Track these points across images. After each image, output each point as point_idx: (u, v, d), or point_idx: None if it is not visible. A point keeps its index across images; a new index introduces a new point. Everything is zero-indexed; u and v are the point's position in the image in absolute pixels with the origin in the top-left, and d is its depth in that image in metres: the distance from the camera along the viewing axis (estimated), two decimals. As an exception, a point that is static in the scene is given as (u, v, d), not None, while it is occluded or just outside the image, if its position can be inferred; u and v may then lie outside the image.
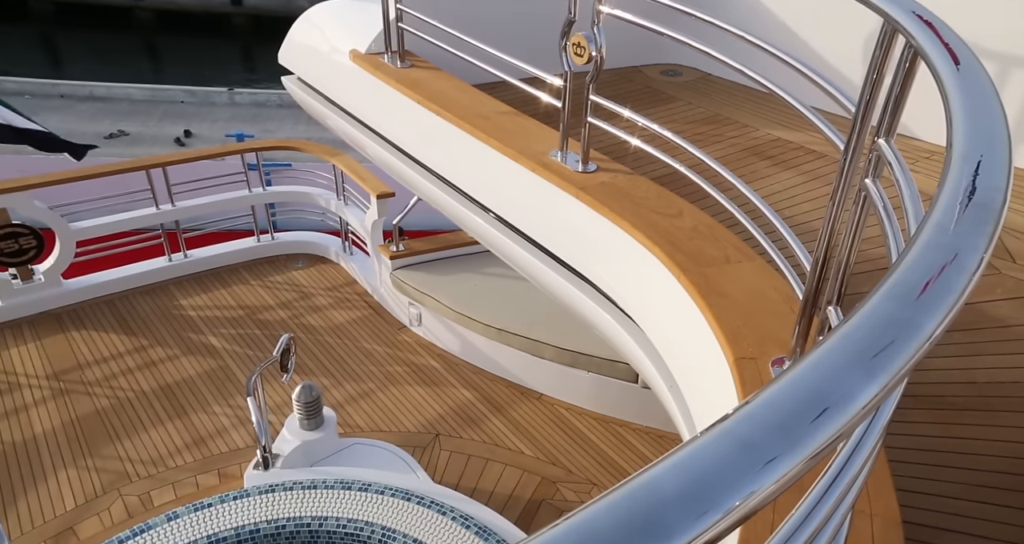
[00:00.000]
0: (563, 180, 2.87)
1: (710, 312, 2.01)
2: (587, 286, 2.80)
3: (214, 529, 3.09)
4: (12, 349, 4.87)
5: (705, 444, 0.54)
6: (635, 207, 2.64)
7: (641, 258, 2.44)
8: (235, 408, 4.55)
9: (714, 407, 1.87)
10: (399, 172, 4.16)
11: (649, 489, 0.51)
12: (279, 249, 6.37)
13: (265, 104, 12.69)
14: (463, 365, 5.05)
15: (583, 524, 0.51)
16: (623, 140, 2.87)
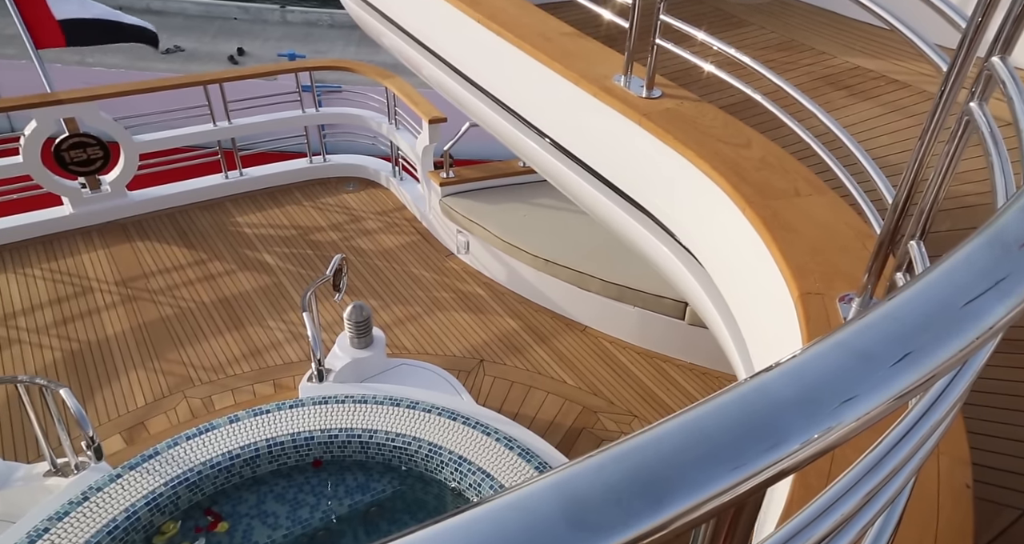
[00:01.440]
0: (626, 106, 2.76)
1: (775, 246, 1.93)
2: (646, 218, 2.73)
3: (272, 434, 3.26)
4: (84, 255, 5.11)
5: (821, 352, 0.51)
6: (700, 136, 2.52)
7: (704, 189, 2.35)
8: (288, 324, 4.71)
9: (774, 344, 1.83)
10: (455, 94, 4.07)
11: (761, 392, 0.49)
12: (330, 171, 6.41)
13: (316, 23, 12.46)
14: (509, 294, 5.08)
15: (692, 423, 0.50)
16: (691, 65, 2.71)
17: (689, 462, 0.48)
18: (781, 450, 0.48)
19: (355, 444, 3.32)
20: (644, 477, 0.47)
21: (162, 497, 2.93)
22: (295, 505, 3.12)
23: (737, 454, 0.48)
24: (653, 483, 0.47)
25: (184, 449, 3.15)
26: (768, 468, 0.48)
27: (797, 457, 0.48)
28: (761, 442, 0.48)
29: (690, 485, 0.47)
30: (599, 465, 0.49)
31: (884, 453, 0.78)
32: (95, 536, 2.70)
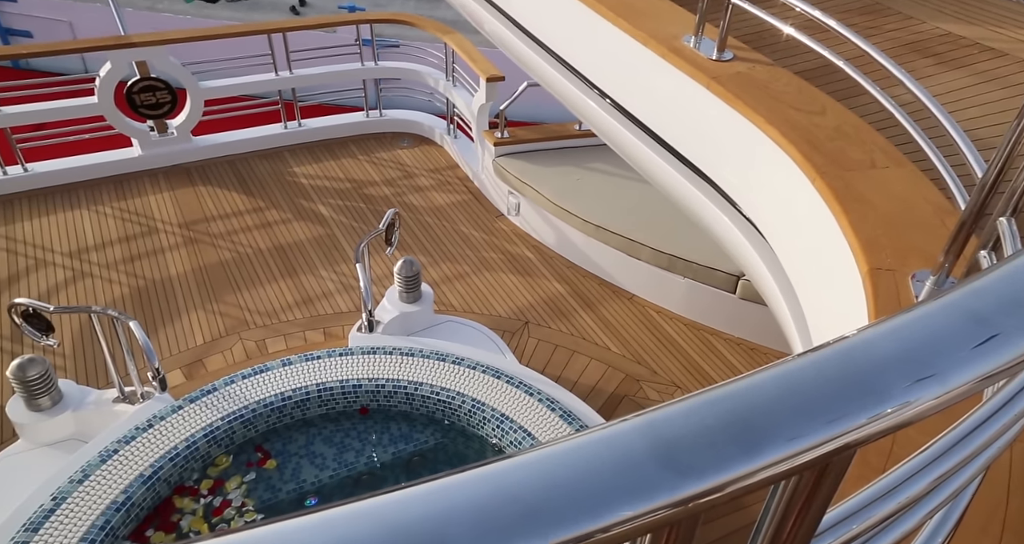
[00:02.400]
0: (694, 68, 2.66)
1: (845, 218, 1.86)
2: (707, 186, 2.66)
3: (323, 379, 3.37)
4: (151, 196, 5.30)
5: (930, 312, 0.49)
6: (772, 102, 2.42)
7: (772, 158, 2.27)
8: (340, 274, 4.82)
9: (837, 321, 1.78)
10: (516, 51, 3.99)
11: (864, 349, 0.48)
12: (386, 126, 6.43)
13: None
14: (557, 258, 5.07)
15: (791, 374, 0.48)
16: (766, 28, 2.59)
17: (786, 412, 0.47)
18: (880, 407, 0.47)
19: (401, 395, 3.40)
20: (739, 423, 0.47)
21: (218, 431, 3.08)
22: (341, 448, 3.24)
23: (834, 408, 0.47)
24: (748, 430, 0.47)
25: (240, 387, 3.29)
26: (865, 425, 0.47)
27: (897, 417, 0.47)
28: (861, 398, 0.47)
29: (786, 435, 0.47)
30: (692, 408, 0.49)
31: (960, 437, 0.75)
32: (158, 461, 2.87)
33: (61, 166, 5.29)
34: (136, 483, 2.75)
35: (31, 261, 4.61)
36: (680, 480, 0.45)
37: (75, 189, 5.26)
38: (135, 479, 2.77)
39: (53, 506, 2.57)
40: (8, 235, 4.77)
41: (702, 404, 0.49)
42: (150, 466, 2.83)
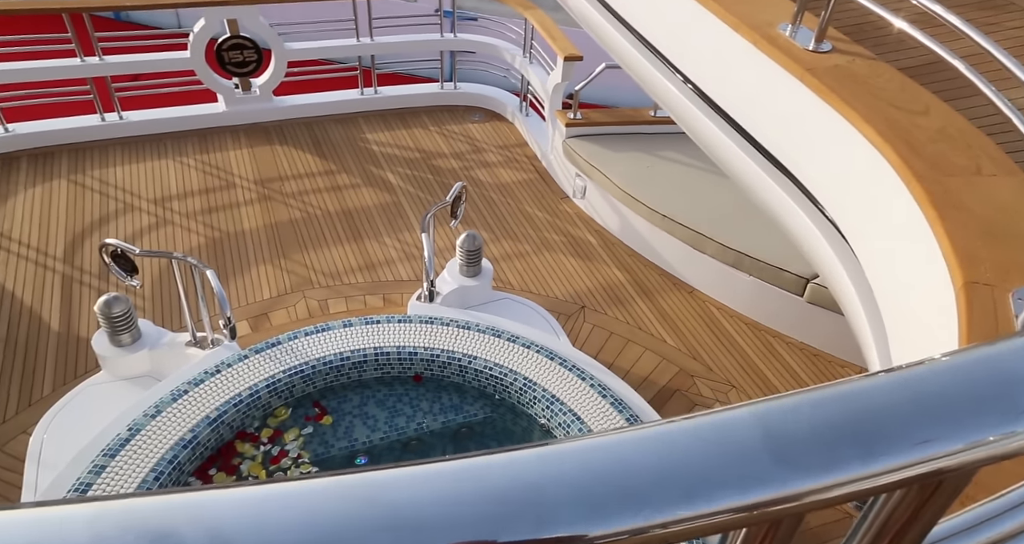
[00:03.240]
0: (788, 58, 2.55)
1: (941, 226, 1.77)
2: (789, 183, 2.57)
3: (380, 343, 3.46)
4: (230, 151, 5.50)
5: None
6: (871, 98, 2.30)
7: (865, 158, 2.17)
8: (403, 243, 4.90)
9: (923, 334, 1.70)
10: (598, 29, 3.92)
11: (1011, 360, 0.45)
12: (459, 99, 6.45)
13: (463, -54, 12.31)
14: (619, 245, 5.01)
15: (915, 379, 0.47)
16: (869, 19, 2.45)
17: (910, 418, 0.45)
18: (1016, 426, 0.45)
19: (454, 366, 3.46)
20: (858, 424, 0.45)
21: (280, 383, 3.20)
22: (393, 413, 3.33)
23: (970, 419, 0.45)
24: (868, 433, 0.45)
25: (302, 343, 3.41)
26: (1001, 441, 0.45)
27: None
28: (1001, 413, 0.45)
29: (906, 442, 0.45)
30: (808, 404, 0.48)
31: None
32: (223, 405, 3.02)
33: (153, 116, 5.53)
34: (202, 424, 2.90)
35: (120, 205, 4.86)
36: (793, 476, 0.44)
37: (163, 139, 5.49)
38: (201, 420, 2.92)
39: (128, 436, 2.75)
40: (102, 178, 5.04)
41: (819, 400, 0.48)
42: (216, 409, 2.98)
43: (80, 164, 5.14)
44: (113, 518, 0.40)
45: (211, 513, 0.41)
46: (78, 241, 4.53)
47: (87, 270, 4.33)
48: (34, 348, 3.79)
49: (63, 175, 5.03)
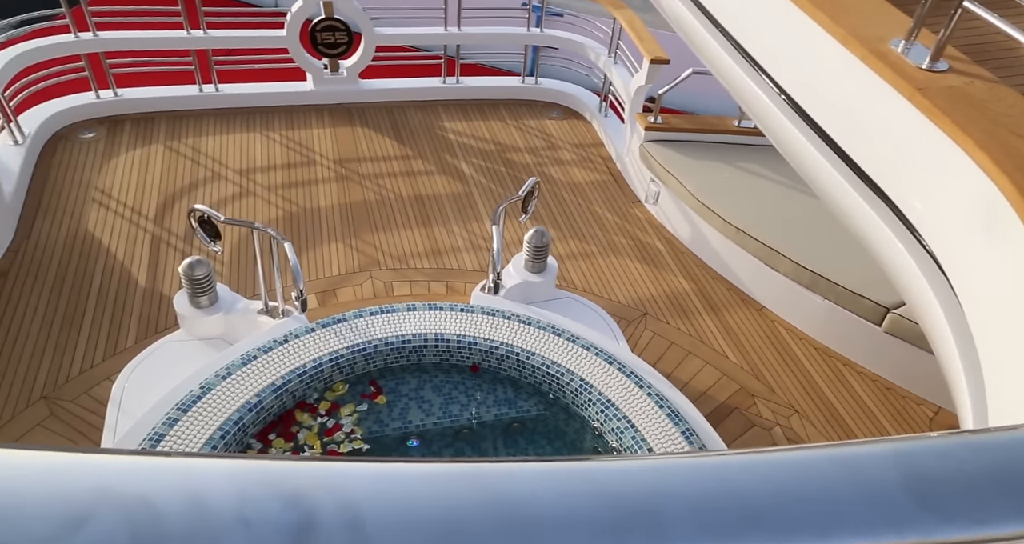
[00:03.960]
0: (898, 76, 2.43)
1: None
2: (885, 207, 2.45)
3: (442, 330, 3.50)
4: (314, 129, 5.67)
5: None
6: (988, 123, 2.17)
7: (977, 189, 2.04)
8: (470, 233, 4.94)
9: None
10: (691, 32, 3.83)
11: None
12: (539, 94, 6.44)
13: (556, -59, 12.27)
14: (688, 255, 4.91)
15: None
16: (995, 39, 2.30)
17: None
18: None
19: (512, 360, 3.47)
20: (1015, 478, 0.42)
21: (342, 358, 3.29)
22: (448, 400, 3.37)
23: None
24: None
25: (366, 322, 3.48)
26: None
27: None
28: None
29: None
30: (965, 449, 0.45)
31: None
32: (287, 374, 3.12)
33: (245, 90, 5.75)
34: (267, 390, 3.01)
35: (208, 172, 5.08)
36: (939, 524, 0.42)
37: (253, 113, 5.71)
38: (267, 386, 3.03)
39: (200, 394, 2.88)
40: (194, 146, 5.28)
41: (964, 448, 0.45)
42: (281, 377, 3.08)
43: (176, 131, 5.40)
44: (256, 475, 0.41)
45: (345, 483, 0.42)
46: (168, 204, 4.77)
47: (174, 232, 4.55)
48: (122, 301, 4.02)
49: (160, 140, 5.29)
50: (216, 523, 0.38)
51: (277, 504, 0.39)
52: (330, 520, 0.39)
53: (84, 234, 4.44)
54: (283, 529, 0.38)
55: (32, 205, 4.56)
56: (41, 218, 4.49)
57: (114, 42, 5.27)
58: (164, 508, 0.38)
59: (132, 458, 0.40)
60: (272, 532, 0.38)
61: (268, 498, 0.39)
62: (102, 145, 5.16)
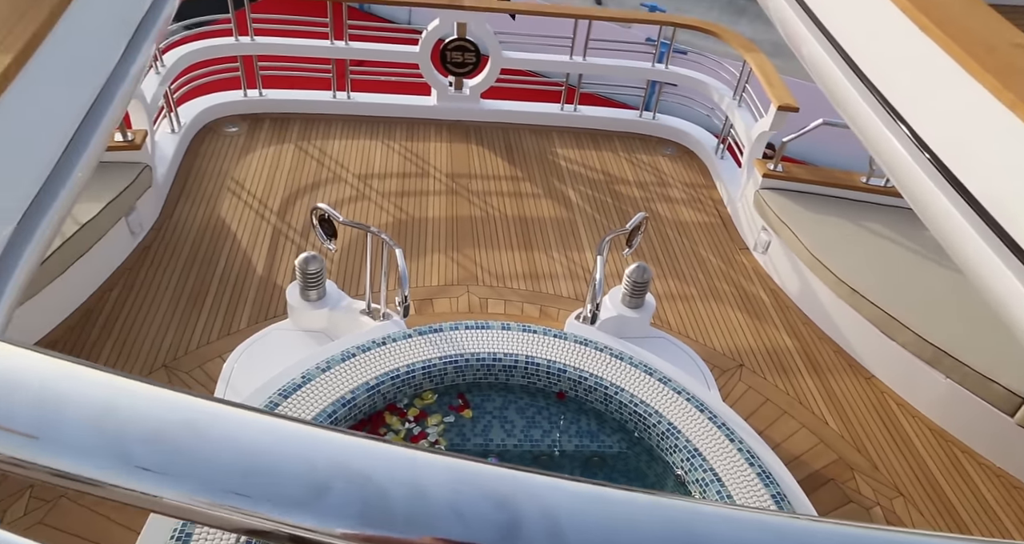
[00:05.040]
0: None
1: None
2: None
3: (533, 352, 3.50)
4: (431, 142, 5.88)
5: None
6: None
7: None
8: (569, 260, 4.94)
9: None
10: (832, 83, 3.68)
11: None
12: (654, 130, 6.40)
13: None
14: (794, 310, 4.69)
15: None
16: None
17: None
18: None
19: (599, 393, 3.41)
20: None
21: (435, 368, 3.34)
22: (531, 423, 3.35)
23: None
24: None
25: (461, 335, 3.54)
26: None
27: None
28: None
29: None
30: None
31: None
32: (381, 376, 3.21)
33: (374, 100, 6.06)
34: (361, 388, 3.10)
35: (331, 174, 5.37)
36: None
37: (378, 122, 6.00)
38: (361, 385, 3.12)
39: (301, 383, 3.01)
40: (322, 148, 5.61)
41: None
42: (375, 378, 3.17)
43: (308, 132, 5.76)
44: (469, 475, 0.43)
45: (550, 496, 0.43)
46: (292, 199, 5.07)
47: (293, 226, 4.83)
48: (240, 286, 4.29)
49: (293, 140, 5.66)
50: (434, 510, 0.41)
51: (487, 503, 0.41)
52: (533, 526, 0.41)
53: (216, 220, 4.79)
54: (491, 526, 0.40)
55: (177, 189, 4.98)
56: (183, 201, 4.89)
57: (267, 47, 5.70)
58: (390, 490, 0.41)
59: (364, 441, 0.43)
60: (482, 528, 0.40)
61: (479, 497, 0.42)
62: (242, 139, 5.58)
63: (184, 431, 0.40)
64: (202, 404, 0.42)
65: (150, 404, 0.41)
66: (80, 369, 0.42)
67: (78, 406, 0.40)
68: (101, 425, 0.39)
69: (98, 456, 0.39)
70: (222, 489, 0.39)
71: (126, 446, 0.39)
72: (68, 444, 0.39)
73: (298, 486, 0.40)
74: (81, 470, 0.39)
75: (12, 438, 0.39)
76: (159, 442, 0.39)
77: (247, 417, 0.42)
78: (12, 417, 0.39)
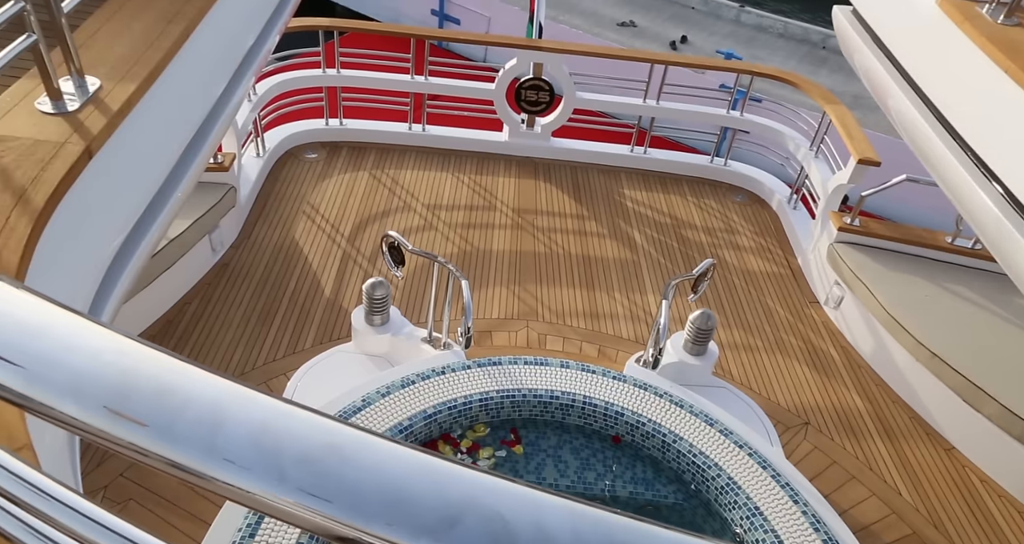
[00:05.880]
0: None
1: None
2: None
3: (591, 392, 3.45)
4: (500, 177, 5.98)
5: None
6: None
7: None
8: (631, 302, 4.88)
9: None
10: (920, 139, 3.58)
11: None
12: (725, 176, 6.33)
13: (767, 29, 12.19)
14: (866, 370, 4.47)
15: None
16: None
17: None
18: None
19: (657, 440, 3.32)
20: None
21: (492, 400, 3.33)
22: (585, 466, 3.28)
23: None
24: None
25: (520, 370, 3.52)
26: None
27: None
28: None
29: None
30: None
31: None
32: (438, 405, 3.22)
33: (447, 133, 6.24)
34: (419, 416, 3.12)
35: (401, 203, 5.53)
36: None
37: (449, 155, 6.16)
38: (419, 412, 3.14)
39: (361, 406, 3.05)
40: (394, 178, 5.79)
41: None
42: (433, 406, 3.18)
43: (382, 162, 5.96)
44: (589, 520, 0.45)
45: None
46: (362, 225, 5.23)
47: (362, 251, 4.97)
48: (308, 307, 4.42)
49: (367, 168, 5.87)
50: None
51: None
52: None
53: (290, 241, 4.98)
54: None
55: (257, 210, 5.22)
56: (261, 222, 5.11)
57: (352, 79, 5.98)
58: (516, 528, 0.42)
59: (494, 479, 0.44)
60: None
61: (597, 542, 0.43)
62: (320, 166, 5.82)
63: (333, 455, 0.43)
64: (350, 431, 0.44)
65: (302, 427, 0.44)
66: (243, 389, 0.45)
67: (238, 423, 0.43)
68: (260, 442, 0.43)
69: (256, 470, 0.42)
70: (364, 513, 0.42)
71: (282, 465, 0.42)
72: (229, 457, 0.43)
73: (432, 516, 0.42)
74: (237, 481, 0.42)
75: (183, 447, 0.43)
76: (310, 463, 0.42)
77: (390, 447, 0.44)
78: (184, 431, 0.43)
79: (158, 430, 0.43)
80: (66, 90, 1.96)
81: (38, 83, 1.94)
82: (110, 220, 1.88)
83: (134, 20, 2.39)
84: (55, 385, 0.44)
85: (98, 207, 1.85)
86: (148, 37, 2.27)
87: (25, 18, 1.73)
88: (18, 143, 1.80)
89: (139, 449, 0.44)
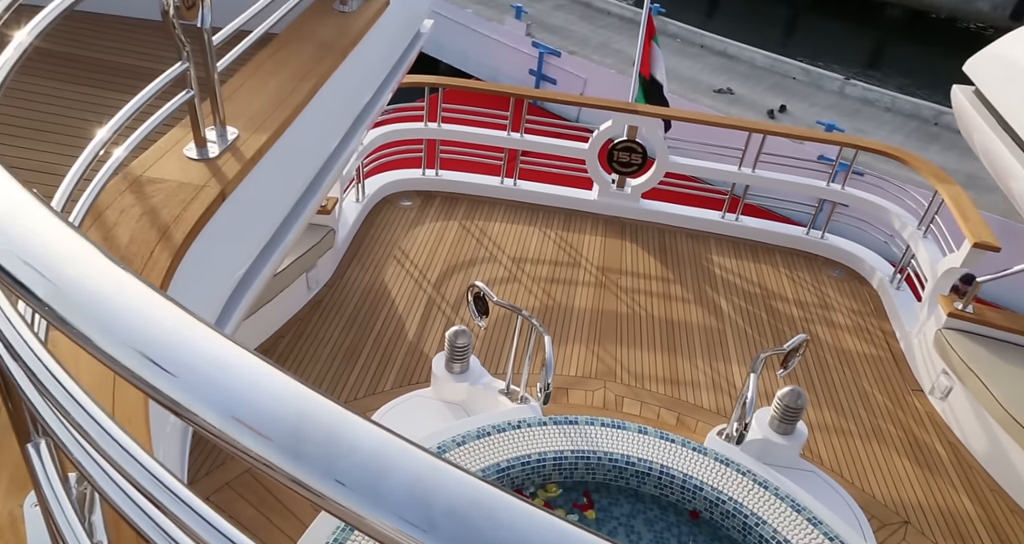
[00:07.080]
0: None
1: None
2: None
3: (669, 463, 3.30)
4: (586, 235, 6.02)
5: None
6: None
7: None
8: (714, 371, 4.70)
9: None
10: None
11: None
12: (822, 249, 6.09)
13: (873, 103, 11.90)
14: (978, 471, 4.06)
15: None
16: None
17: None
18: None
19: (738, 520, 3.12)
20: None
21: (566, 460, 3.25)
22: (659, 539, 3.11)
23: None
24: None
25: (596, 432, 3.43)
26: None
27: None
28: None
29: None
30: None
31: None
32: (510, 461, 3.17)
33: (537, 189, 6.37)
34: (492, 469, 3.08)
35: (487, 253, 5.64)
36: None
37: (538, 210, 6.27)
38: (492, 465, 3.10)
39: (437, 453, 3.05)
40: (483, 229, 5.94)
41: None
42: (507, 460, 3.14)
43: (472, 213, 6.14)
44: None
45: None
46: (448, 273, 5.36)
47: (447, 299, 5.07)
48: (391, 349, 4.53)
49: (458, 218, 6.05)
50: None
51: None
52: None
53: (379, 284, 5.16)
54: None
55: (352, 252, 5.47)
56: (355, 264, 5.34)
57: (451, 133, 6.26)
58: None
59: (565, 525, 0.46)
60: None
61: None
62: (414, 213, 6.06)
63: (478, 513, 0.46)
64: (492, 491, 0.47)
65: (453, 482, 0.48)
66: (401, 443, 0.51)
67: (401, 472, 0.48)
68: (413, 491, 0.47)
69: (409, 515, 0.46)
70: None
71: (432, 515, 0.46)
72: (387, 503, 0.47)
73: None
74: (392, 522, 0.46)
75: (345, 492, 0.48)
76: (457, 518, 0.45)
77: (531, 511, 0.47)
78: (347, 474, 0.49)
79: (323, 468, 0.49)
80: (210, 138, 2.17)
81: (188, 132, 2.16)
82: (235, 255, 2.04)
83: (271, 77, 2.62)
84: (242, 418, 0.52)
85: (225, 243, 2.01)
86: (282, 93, 2.48)
87: (187, 76, 1.95)
88: (166, 185, 2.00)
89: (302, 483, 0.50)
